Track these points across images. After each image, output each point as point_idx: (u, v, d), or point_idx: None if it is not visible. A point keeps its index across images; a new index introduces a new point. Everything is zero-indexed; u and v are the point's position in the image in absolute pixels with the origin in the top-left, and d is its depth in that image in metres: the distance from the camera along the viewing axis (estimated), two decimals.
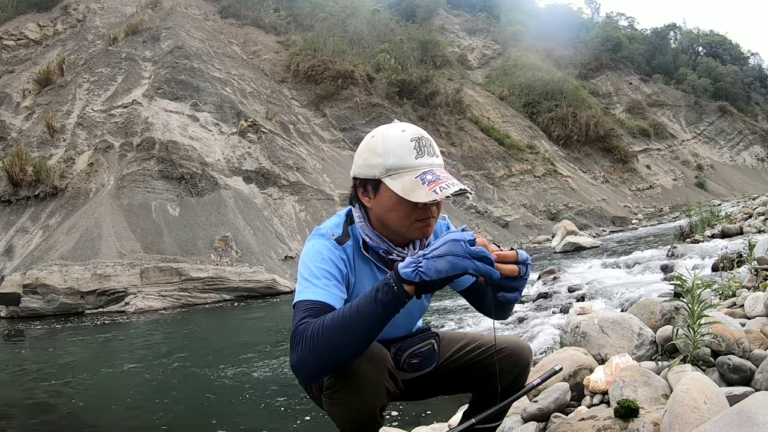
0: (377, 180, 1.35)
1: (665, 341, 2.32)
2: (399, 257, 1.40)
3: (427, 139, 1.37)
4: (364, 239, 1.42)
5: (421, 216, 1.35)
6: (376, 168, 1.34)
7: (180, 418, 4.42)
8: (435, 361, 1.54)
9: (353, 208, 1.46)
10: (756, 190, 29.14)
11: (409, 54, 25.80)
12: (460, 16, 40.38)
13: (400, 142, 1.34)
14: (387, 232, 1.41)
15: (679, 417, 1.45)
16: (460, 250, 1.12)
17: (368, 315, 1.17)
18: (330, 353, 1.18)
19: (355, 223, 1.44)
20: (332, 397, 1.31)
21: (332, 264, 1.36)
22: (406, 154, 1.32)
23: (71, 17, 21.56)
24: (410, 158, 1.32)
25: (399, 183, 1.31)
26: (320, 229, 1.45)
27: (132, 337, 8.52)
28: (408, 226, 1.37)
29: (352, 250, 1.42)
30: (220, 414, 4.40)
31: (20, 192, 13.59)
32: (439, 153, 1.40)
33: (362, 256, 1.43)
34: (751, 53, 52.16)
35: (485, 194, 20.33)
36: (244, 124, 16.87)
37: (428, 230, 1.39)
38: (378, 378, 1.29)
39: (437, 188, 1.28)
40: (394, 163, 1.32)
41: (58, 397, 5.28)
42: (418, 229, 1.38)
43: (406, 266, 1.15)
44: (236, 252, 12.44)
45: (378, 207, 1.38)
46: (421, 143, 1.35)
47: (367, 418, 1.30)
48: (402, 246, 1.42)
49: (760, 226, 6.90)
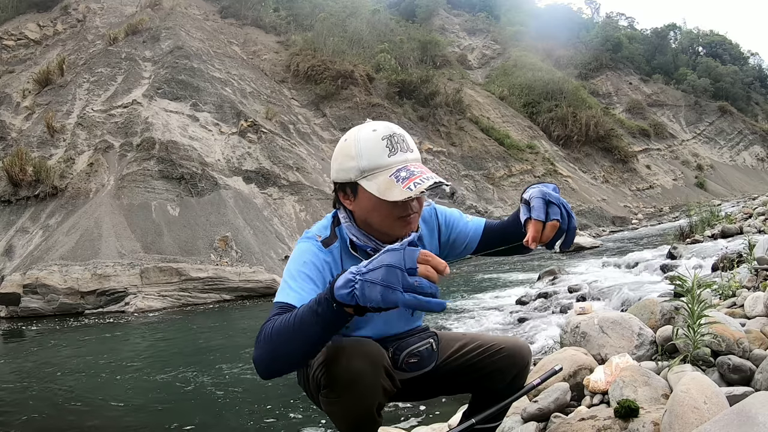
0: (354, 183, 1.35)
1: (665, 341, 2.32)
2: None
3: (399, 136, 1.35)
4: (351, 239, 1.42)
5: (401, 213, 1.35)
6: (351, 171, 1.35)
7: (180, 418, 4.42)
8: (434, 360, 1.54)
9: (338, 210, 1.47)
10: (756, 190, 29.15)
11: (409, 54, 25.81)
12: (460, 16, 40.41)
13: (372, 142, 1.33)
14: (373, 231, 1.41)
15: (679, 417, 1.44)
16: (393, 280, 0.98)
17: (309, 326, 1.12)
18: (280, 356, 1.17)
19: (342, 224, 1.44)
20: (329, 396, 1.31)
21: (313, 268, 1.36)
22: (378, 154, 1.32)
23: (71, 17, 21.55)
24: (383, 157, 1.32)
25: (374, 184, 1.31)
26: (308, 232, 1.46)
27: (132, 337, 8.52)
28: (391, 225, 1.38)
29: (339, 251, 1.42)
30: (220, 414, 4.40)
31: (20, 192, 13.58)
32: (414, 147, 1.38)
33: (351, 255, 1.43)
34: (751, 53, 52.24)
35: (485, 194, 20.32)
36: (244, 124, 16.87)
37: (411, 226, 1.39)
38: (374, 376, 1.28)
39: (412, 184, 1.27)
40: (367, 164, 1.32)
41: (58, 397, 5.28)
42: (401, 226, 1.38)
43: (343, 286, 1.04)
44: (236, 252, 12.44)
45: (359, 209, 1.39)
46: (393, 140, 1.33)
47: (364, 416, 1.30)
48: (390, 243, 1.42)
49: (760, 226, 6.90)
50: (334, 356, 1.32)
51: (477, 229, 1.60)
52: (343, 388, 1.27)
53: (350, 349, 1.32)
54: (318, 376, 1.35)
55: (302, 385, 1.59)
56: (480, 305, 7.49)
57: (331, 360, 1.31)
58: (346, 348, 1.32)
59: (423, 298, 0.98)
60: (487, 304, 7.40)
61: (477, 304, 7.57)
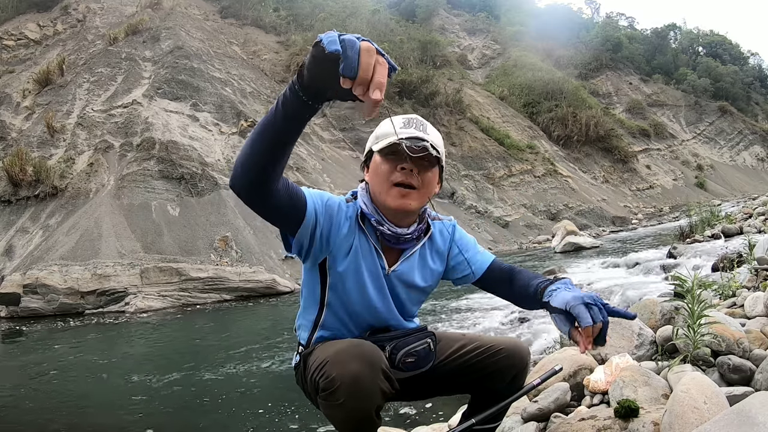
0: (370, 150, 1.51)
1: (665, 341, 2.32)
2: (389, 231, 1.48)
3: (418, 119, 1.47)
4: (361, 207, 1.51)
5: (398, 179, 1.43)
6: (371, 142, 1.52)
7: (179, 418, 4.42)
8: (431, 360, 1.54)
9: (359, 187, 1.58)
10: (756, 190, 29.14)
11: (409, 54, 25.78)
12: (460, 16, 40.37)
13: (393, 120, 1.42)
14: (378, 205, 1.50)
15: (679, 417, 1.44)
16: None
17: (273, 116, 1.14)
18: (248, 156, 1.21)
19: (358, 196, 1.55)
20: (327, 399, 1.31)
21: (330, 203, 1.46)
22: (394, 126, 1.41)
23: (71, 17, 21.55)
24: (396, 128, 1.40)
25: (379, 144, 1.45)
26: None
27: (132, 337, 8.52)
28: (387, 191, 1.45)
29: (355, 213, 1.52)
30: (220, 414, 4.40)
31: (20, 192, 13.58)
32: (432, 134, 1.47)
33: (358, 224, 1.51)
34: (751, 53, 52.19)
35: (485, 194, 20.32)
36: (244, 124, 16.87)
37: (406, 201, 1.45)
38: (373, 379, 1.28)
39: (401, 133, 1.39)
40: (382, 132, 1.46)
41: (58, 397, 5.28)
42: (395, 196, 1.44)
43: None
44: (236, 252, 12.44)
45: (370, 178, 1.52)
46: (412, 121, 1.46)
47: (363, 419, 1.30)
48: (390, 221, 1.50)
49: (760, 226, 6.90)
50: (332, 359, 1.32)
51: (483, 263, 1.65)
52: (342, 392, 1.27)
53: (348, 351, 1.32)
54: (316, 379, 1.35)
55: (301, 387, 1.59)
56: (480, 305, 7.49)
57: (330, 363, 1.31)
58: (344, 351, 1.32)
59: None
60: (488, 304, 7.40)
61: (477, 304, 7.57)
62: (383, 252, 1.52)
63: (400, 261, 1.53)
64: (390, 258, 1.54)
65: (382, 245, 1.51)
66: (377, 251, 1.51)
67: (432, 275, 1.60)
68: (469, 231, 18.73)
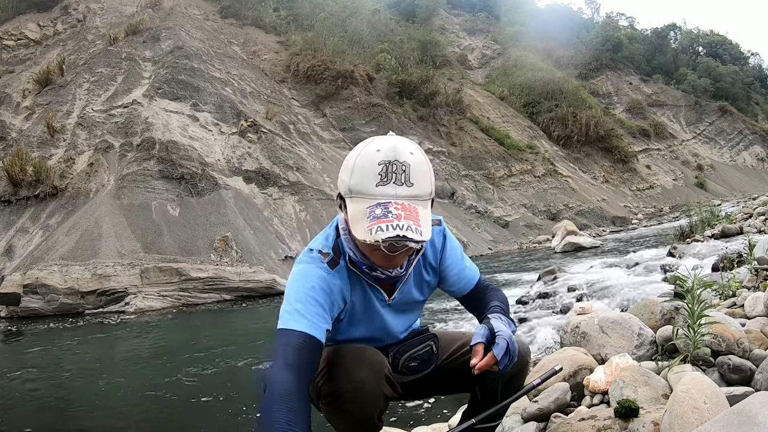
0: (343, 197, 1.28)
1: (665, 341, 2.32)
2: (383, 275, 1.35)
3: (400, 165, 1.20)
4: (348, 254, 1.36)
5: (377, 246, 1.21)
6: (342, 185, 1.26)
7: (179, 418, 4.42)
8: (433, 363, 1.54)
9: (340, 219, 1.40)
10: (756, 190, 29.12)
11: (409, 54, 25.79)
12: (460, 16, 40.37)
13: (368, 163, 1.21)
14: None
15: (679, 417, 1.44)
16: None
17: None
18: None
19: (341, 238, 1.38)
20: (331, 404, 1.31)
21: (321, 292, 1.30)
22: (367, 179, 1.20)
23: (71, 17, 21.55)
24: (370, 185, 1.20)
25: (351, 209, 1.22)
26: (311, 250, 1.40)
27: (132, 337, 8.52)
28: (369, 253, 1.29)
29: (346, 270, 1.37)
30: (220, 414, 4.39)
31: (20, 192, 13.59)
32: (418, 180, 1.22)
33: (352, 272, 1.38)
34: (751, 53, 52.11)
35: (485, 194, 20.32)
36: (244, 124, 16.87)
37: (392, 263, 1.30)
38: (376, 385, 1.28)
39: (375, 227, 1.15)
40: (354, 185, 1.22)
41: (58, 397, 5.28)
42: (379, 259, 1.29)
43: None
44: (236, 252, 12.44)
45: (350, 225, 1.28)
46: (390, 169, 1.20)
47: (365, 424, 1.30)
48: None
49: (760, 226, 6.89)
50: (335, 365, 1.31)
51: (470, 282, 1.61)
52: (345, 397, 1.27)
53: (352, 357, 1.31)
54: (319, 384, 1.35)
55: None
56: None
57: (333, 368, 1.31)
58: (348, 356, 1.32)
59: None
60: None
61: None
62: (379, 285, 1.43)
63: (398, 288, 1.47)
64: (386, 286, 1.45)
65: (375, 280, 1.42)
66: (372, 287, 1.43)
67: (428, 287, 1.57)
68: (469, 231, 18.65)
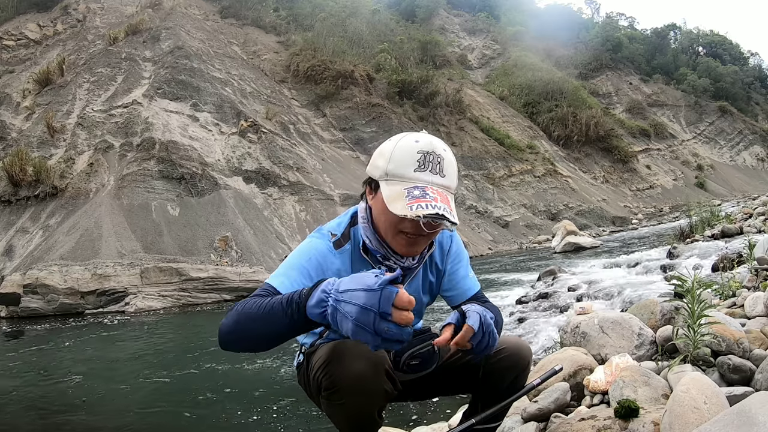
0: (377, 181, 1.35)
1: (665, 341, 2.32)
2: (395, 264, 1.40)
3: (437, 156, 1.31)
4: (364, 241, 1.41)
5: (405, 229, 1.31)
6: (378, 169, 1.34)
7: (179, 418, 4.42)
8: (435, 362, 1.54)
9: (360, 207, 1.46)
10: (756, 190, 29.15)
11: (409, 54, 25.83)
12: (460, 16, 40.41)
13: (407, 151, 1.31)
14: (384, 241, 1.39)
15: (679, 417, 1.44)
16: (366, 321, 1.01)
17: (277, 320, 1.14)
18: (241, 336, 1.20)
19: (359, 224, 1.43)
20: (330, 398, 1.31)
21: (317, 266, 1.36)
22: (406, 164, 1.29)
23: (71, 17, 21.56)
24: (409, 169, 1.29)
25: (388, 189, 1.29)
26: (322, 228, 1.46)
27: (132, 337, 8.52)
28: (392, 237, 1.35)
29: (350, 255, 1.42)
30: (220, 414, 4.40)
31: (20, 192, 13.59)
32: (451, 173, 1.34)
33: (361, 258, 1.42)
34: (751, 53, 52.24)
35: (485, 194, 20.33)
36: (244, 124, 16.88)
37: (412, 249, 1.36)
38: (376, 380, 1.28)
39: (416, 205, 1.22)
40: (393, 168, 1.30)
41: (58, 396, 5.28)
42: (401, 244, 1.34)
43: (316, 305, 1.08)
44: (236, 252, 12.44)
45: (375, 208, 1.37)
46: (428, 159, 1.30)
47: (365, 419, 1.30)
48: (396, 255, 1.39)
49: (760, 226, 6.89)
50: (335, 359, 1.31)
51: (468, 292, 1.61)
52: (345, 392, 1.27)
53: (352, 352, 1.31)
54: (319, 378, 1.35)
55: (303, 386, 1.59)
56: None
57: (333, 362, 1.31)
58: (348, 351, 1.32)
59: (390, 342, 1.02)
60: None
61: None
62: None
63: (405, 283, 1.49)
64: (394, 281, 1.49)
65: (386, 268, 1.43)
66: None
67: (432, 288, 1.59)
68: (469, 231, 18.64)
